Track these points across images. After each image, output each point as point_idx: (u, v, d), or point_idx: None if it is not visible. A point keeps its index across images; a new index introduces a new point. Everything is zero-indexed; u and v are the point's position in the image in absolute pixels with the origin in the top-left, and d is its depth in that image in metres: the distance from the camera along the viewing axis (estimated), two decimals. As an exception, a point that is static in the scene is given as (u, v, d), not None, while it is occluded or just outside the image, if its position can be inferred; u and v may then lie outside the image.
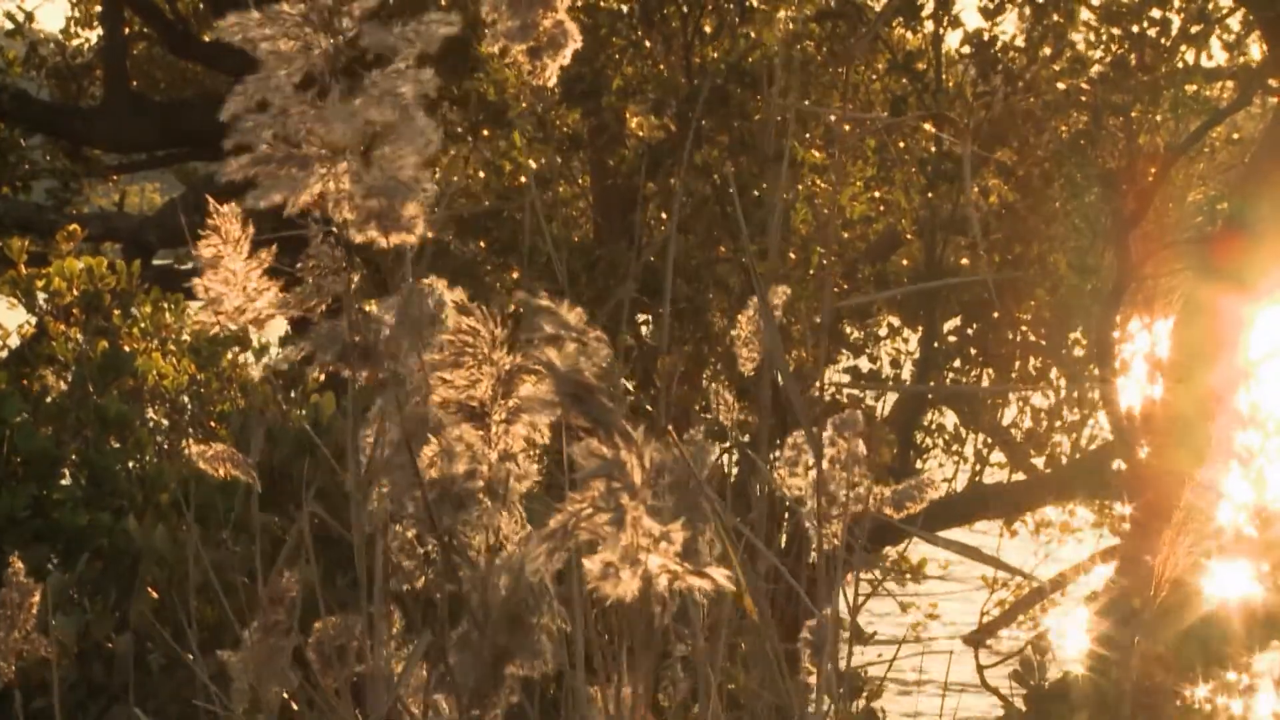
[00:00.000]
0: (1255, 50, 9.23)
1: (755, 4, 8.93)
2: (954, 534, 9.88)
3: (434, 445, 1.78)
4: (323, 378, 1.88)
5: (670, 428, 1.89)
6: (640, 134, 9.31)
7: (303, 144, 1.63)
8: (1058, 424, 10.00)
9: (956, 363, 9.75)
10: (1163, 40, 8.77)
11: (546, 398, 1.48)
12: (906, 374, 9.94)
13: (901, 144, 9.41)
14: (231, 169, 1.63)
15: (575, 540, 1.44)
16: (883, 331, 10.20)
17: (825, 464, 2.33)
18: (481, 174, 9.31)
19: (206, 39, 10.75)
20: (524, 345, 1.73)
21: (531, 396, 1.77)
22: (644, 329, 8.71)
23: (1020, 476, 10.11)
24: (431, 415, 1.79)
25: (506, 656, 1.75)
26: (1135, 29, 8.76)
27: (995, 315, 9.58)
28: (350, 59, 1.62)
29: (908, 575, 10.61)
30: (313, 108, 1.62)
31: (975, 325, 9.72)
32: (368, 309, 1.81)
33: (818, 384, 2.81)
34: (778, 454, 2.41)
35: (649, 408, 7.49)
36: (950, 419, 10.16)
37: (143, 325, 5.70)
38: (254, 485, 2.25)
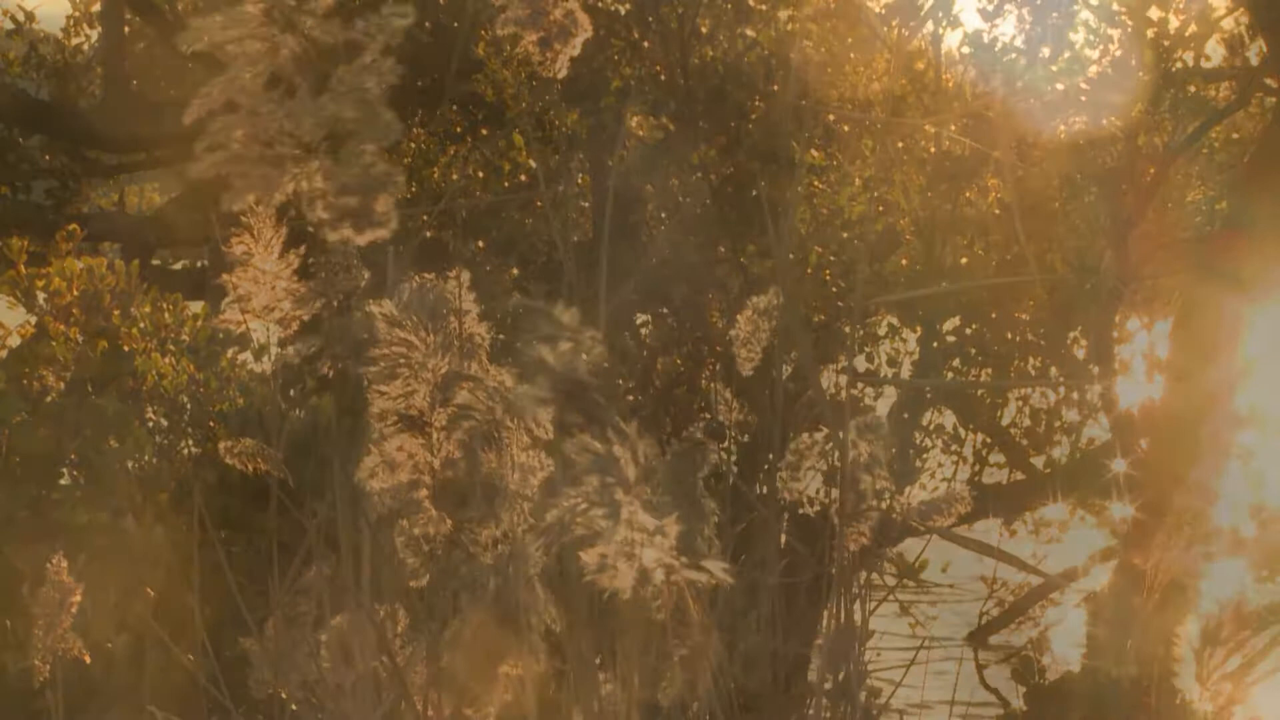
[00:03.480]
0: (1253, 51, 9.22)
1: (754, 3, 8.92)
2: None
3: (375, 456, 1.78)
4: (331, 374, 1.88)
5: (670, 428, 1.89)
6: (639, 134, 9.31)
7: (275, 143, 1.63)
8: (1057, 424, 9.99)
9: (956, 362, 9.73)
10: (1163, 41, 8.76)
11: (540, 395, 1.48)
12: (905, 373, 9.92)
13: (900, 144, 9.40)
14: (202, 167, 1.63)
15: (571, 534, 1.44)
16: (881, 331, 10.18)
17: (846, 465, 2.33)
18: (480, 174, 9.30)
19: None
20: (520, 346, 1.73)
21: (524, 394, 1.76)
22: (643, 330, 8.70)
23: (1020, 476, 10.09)
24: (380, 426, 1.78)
25: (499, 656, 1.75)
26: (1134, 29, 8.75)
27: (994, 315, 9.57)
28: (318, 55, 1.62)
29: (904, 578, 10.59)
30: (280, 106, 1.62)
31: (974, 325, 9.70)
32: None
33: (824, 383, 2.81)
34: (774, 456, 2.41)
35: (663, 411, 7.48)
36: (949, 419, 10.13)
37: (142, 325, 5.69)
38: (287, 480, 2.25)
